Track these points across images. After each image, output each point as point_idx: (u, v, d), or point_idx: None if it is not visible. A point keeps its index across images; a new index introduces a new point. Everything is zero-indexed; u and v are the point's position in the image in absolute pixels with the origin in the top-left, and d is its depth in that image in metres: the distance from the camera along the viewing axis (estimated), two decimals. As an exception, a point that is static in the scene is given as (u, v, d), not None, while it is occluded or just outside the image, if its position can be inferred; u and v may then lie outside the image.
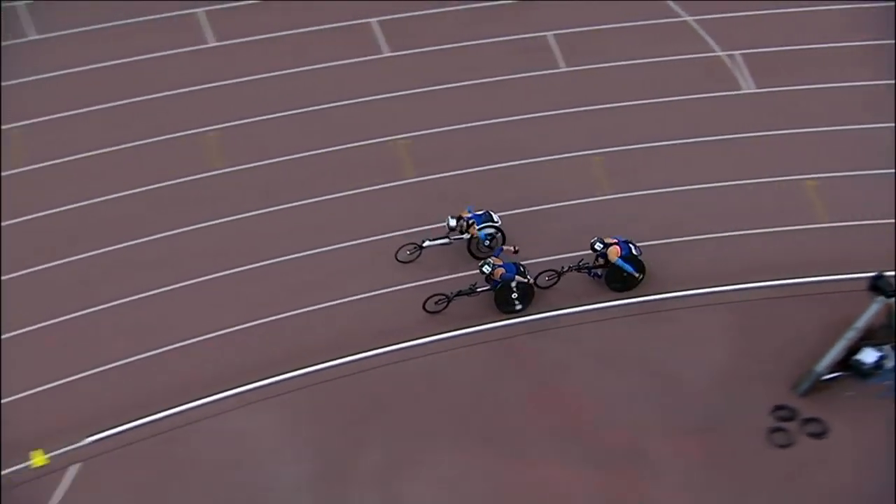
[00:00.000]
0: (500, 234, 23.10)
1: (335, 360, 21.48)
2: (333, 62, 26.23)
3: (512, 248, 22.69)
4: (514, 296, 22.34)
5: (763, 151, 24.54)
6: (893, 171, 23.85)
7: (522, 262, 22.44)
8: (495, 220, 22.97)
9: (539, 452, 20.50)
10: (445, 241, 23.02)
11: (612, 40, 26.48)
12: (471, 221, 22.87)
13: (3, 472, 19.45)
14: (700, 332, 21.99)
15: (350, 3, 26.98)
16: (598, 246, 22.48)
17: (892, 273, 21.26)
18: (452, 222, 22.84)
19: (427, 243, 23.02)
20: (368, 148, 24.69)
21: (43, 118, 24.91)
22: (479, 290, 22.37)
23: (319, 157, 24.55)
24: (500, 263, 22.27)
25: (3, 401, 20.63)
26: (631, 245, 22.56)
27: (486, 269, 22.12)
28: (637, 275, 22.61)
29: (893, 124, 24.66)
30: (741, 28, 26.64)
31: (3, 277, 22.31)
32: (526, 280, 22.22)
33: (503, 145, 24.70)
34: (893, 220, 23.14)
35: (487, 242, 23.10)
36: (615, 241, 22.56)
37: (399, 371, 21.48)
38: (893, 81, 25.29)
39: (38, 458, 19.64)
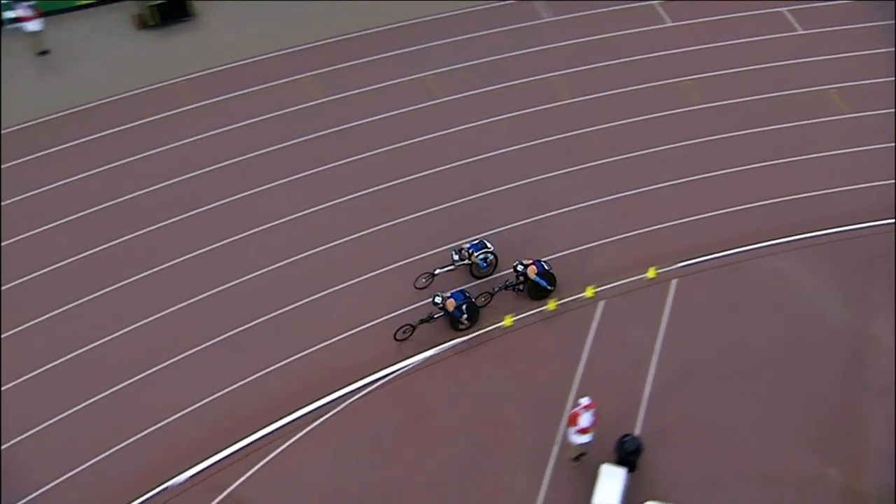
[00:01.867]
0: (493, 256, 26.98)
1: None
2: (757, 37, 34.72)
3: None
4: (465, 317, 25.73)
5: None
6: None
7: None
8: (488, 246, 26.93)
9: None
10: (451, 267, 26.82)
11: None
12: (470, 251, 26.72)
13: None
14: None
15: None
16: (520, 267, 26.18)
17: None
18: (456, 257, 26.60)
19: (438, 271, 26.86)
20: (804, 95, 32.65)
21: (581, 68, 33.45)
22: (436, 317, 25.64)
23: (763, 101, 32.49)
24: (449, 295, 25.53)
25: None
26: (543, 262, 26.42)
27: (438, 300, 25.37)
28: (550, 287, 26.37)
29: None
30: None
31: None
32: (466, 323, 25.69)
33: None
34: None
35: (484, 265, 26.93)
36: (531, 261, 26.33)
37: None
38: None
39: (651, 273, 27.54)
